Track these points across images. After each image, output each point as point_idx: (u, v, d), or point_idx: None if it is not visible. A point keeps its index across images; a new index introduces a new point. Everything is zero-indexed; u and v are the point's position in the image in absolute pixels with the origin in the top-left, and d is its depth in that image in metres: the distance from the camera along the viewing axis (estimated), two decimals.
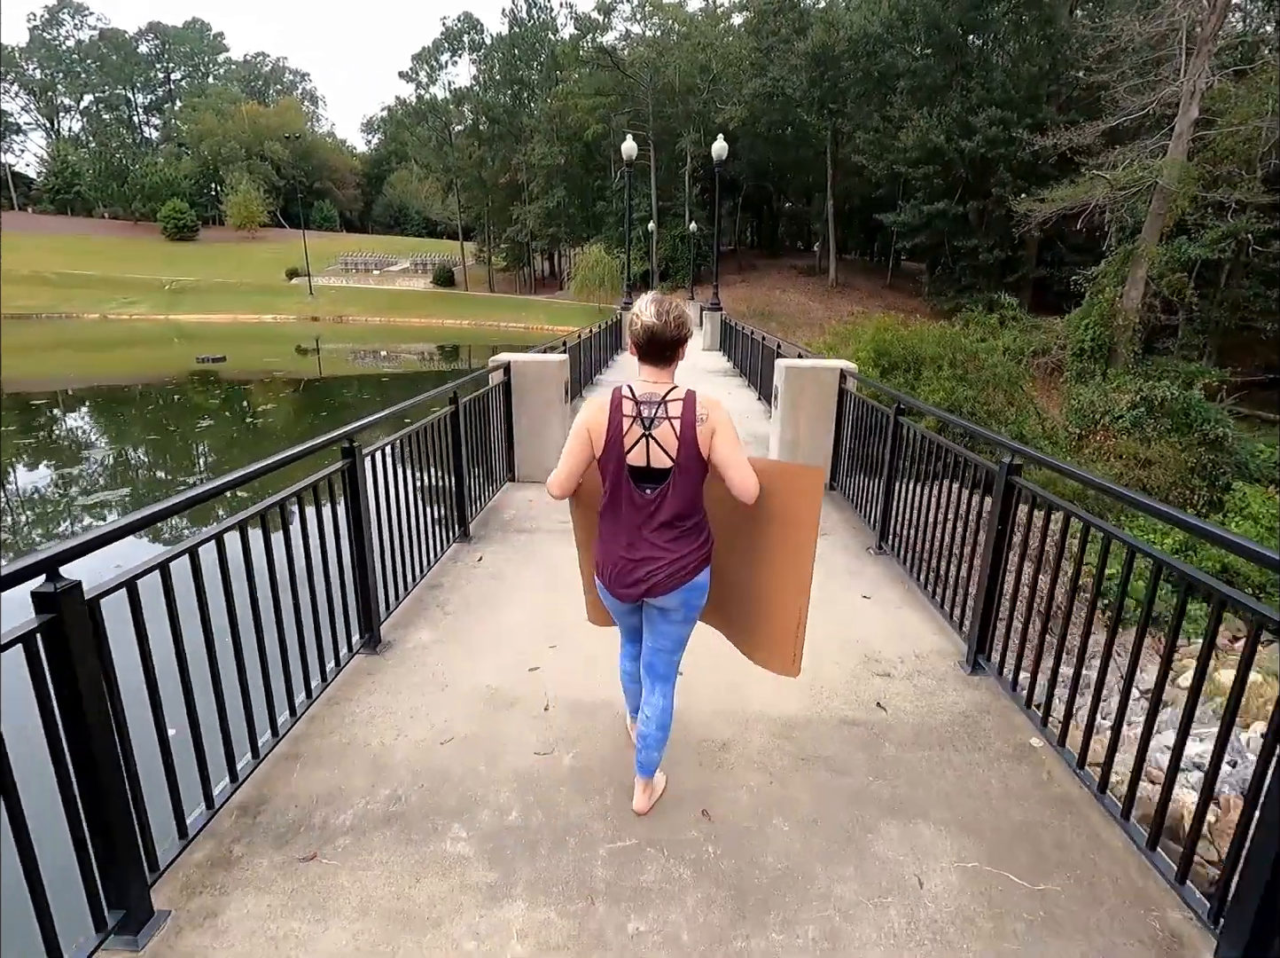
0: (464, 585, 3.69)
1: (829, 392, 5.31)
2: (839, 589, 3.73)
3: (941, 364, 14.57)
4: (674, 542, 1.93)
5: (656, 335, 1.86)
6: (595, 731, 2.50)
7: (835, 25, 33.22)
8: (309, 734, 2.45)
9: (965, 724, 2.55)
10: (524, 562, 4.02)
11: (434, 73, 54.67)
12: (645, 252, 41.24)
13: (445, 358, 35.61)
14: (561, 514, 4.90)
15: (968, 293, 32.41)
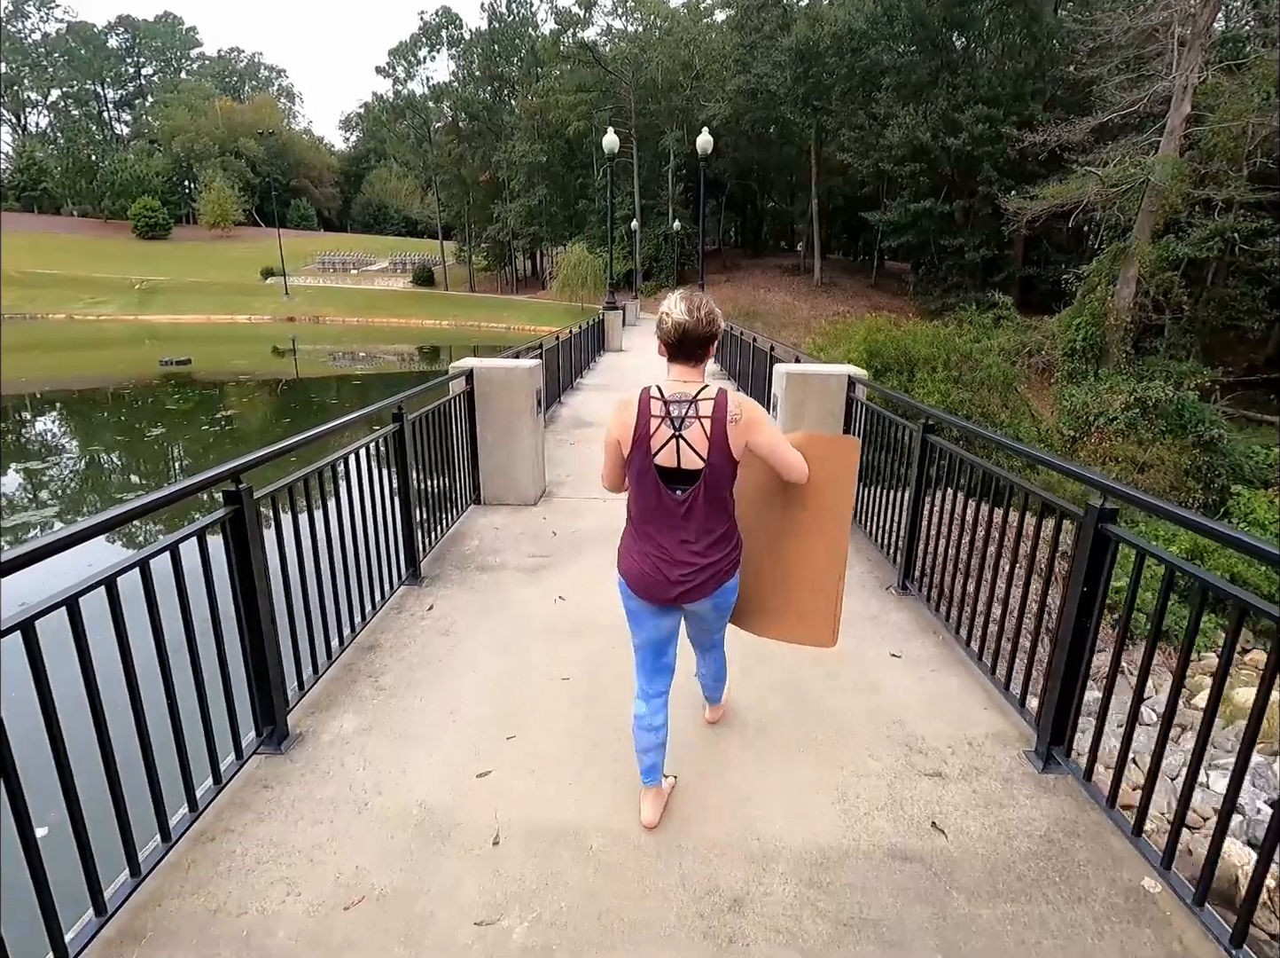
0: (406, 646, 3.02)
1: (835, 401, 4.70)
2: (860, 642, 3.11)
3: (935, 365, 14.08)
4: (708, 547, 1.91)
5: (689, 333, 1.81)
6: (561, 878, 1.85)
7: (819, 21, 32.79)
8: (163, 893, 1.77)
9: (1052, 855, 1.93)
10: (483, 610, 3.36)
11: (412, 68, 53.63)
12: (628, 251, 40.60)
13: (425, 359, 34.73)
14: (531, 546, 4.26)
15: (954, 292, 32.13)
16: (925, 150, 29.60)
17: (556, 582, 3.70)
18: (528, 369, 4.71)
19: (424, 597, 3.48)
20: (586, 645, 3.04)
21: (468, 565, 3.90)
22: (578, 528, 4.54)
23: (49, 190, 69.93)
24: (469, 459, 4.75)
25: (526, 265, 59.03)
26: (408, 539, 3.55)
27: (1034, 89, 28.79)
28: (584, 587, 3.64)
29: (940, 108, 29.15)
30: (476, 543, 4.24)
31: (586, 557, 4.06)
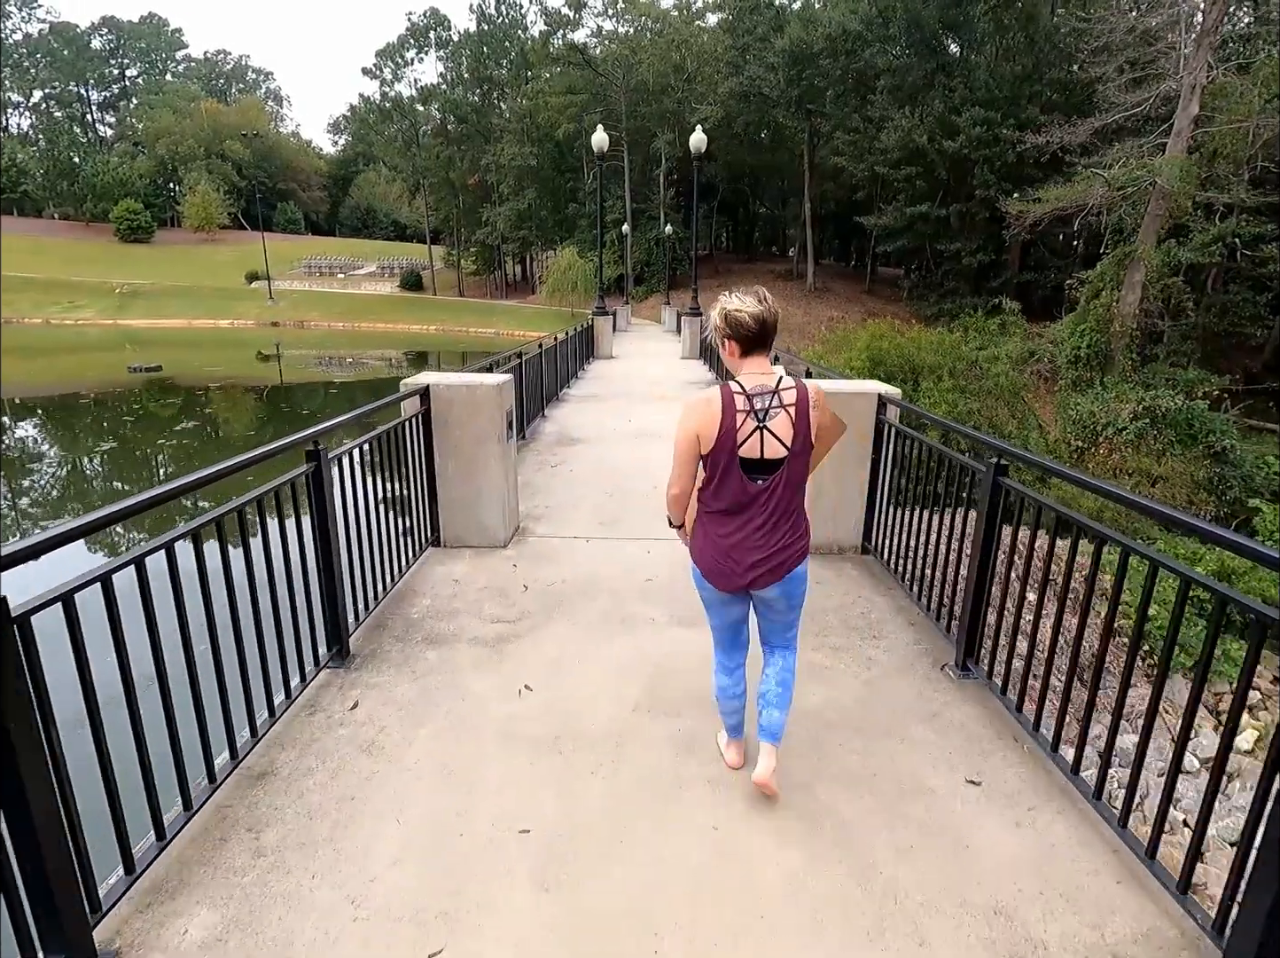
0: (311, 773, 2.22)
1: (863, 424, 3.95)
2: (920, 758, 2.34)
3: (941, 374, 13.42)
4: (785, 532, 1.99)
5: (767, 323, 1.89)
6: None
7: (813, 23, 32.31)
8: None
9: None
10: (423, 710, 2.56)
11: (399, 70, 52.92)
12: (619, 255, 39.89)
13: (412, 364, 33.87)
14: (496, 606, 3.47)
15: (950, 297, 31.63)
16: (921, 153, 29.11)
17: (524, 661, 2.91)
18: (495, 386, 3.93)
19: (349, 687, 2.68)
20: (558, 770, 2.26)
21: (413, 636, 3.10)
22: (555, 579, 3.75)
23: (30, 193, 68.57)
24: (425, 494, 3.96)
25: (516, 270, 58.29)
26: (329, 609, 2.76)
27: (1031, 92, 28.34)
28: (559, 669, 2.85)
29: (937, 110, 28.67)
30: (428, 603, 3.44)
31: (564, 621, 3.27)
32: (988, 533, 2.66)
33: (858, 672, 2.87)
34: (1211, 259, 19.84)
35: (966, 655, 2.82)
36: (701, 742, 2.40)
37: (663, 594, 3.58)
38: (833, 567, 3.97)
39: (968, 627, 2.79)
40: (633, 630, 3.19)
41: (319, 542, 2.68)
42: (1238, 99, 17.08)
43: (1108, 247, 19.82)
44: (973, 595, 2.74)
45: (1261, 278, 22.97)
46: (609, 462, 6.33)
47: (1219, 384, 18.72)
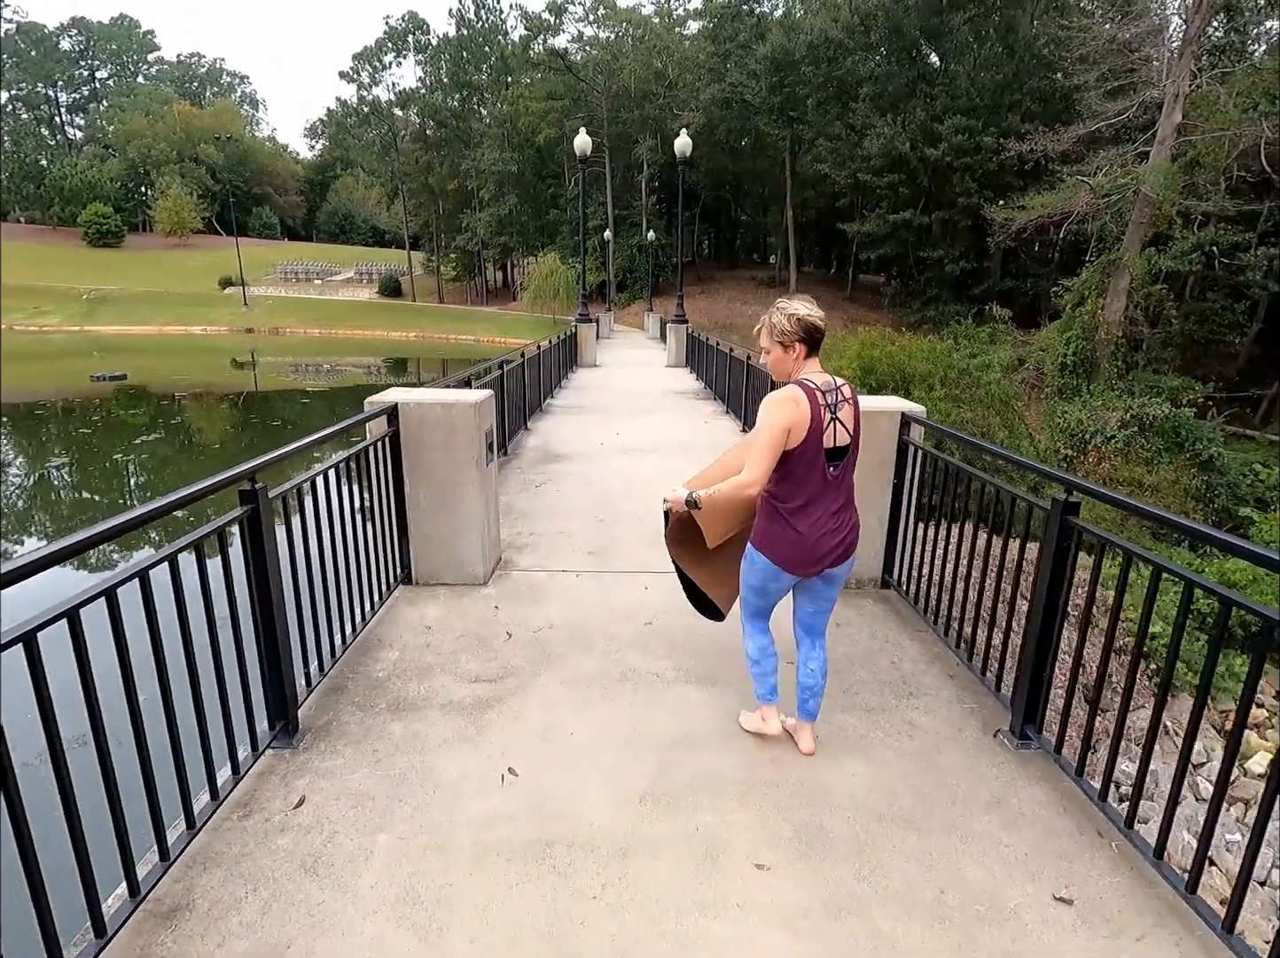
0: (238, 909, 1.74)
1: (885, 445, 3.56)
2: (991, 868, 1.92)
3: (933, 383, 13.15)
4: (852, 513, 2.27)
5: (822, 327, 2.12)
6: None
7: (795, 30, 32.30)
8: None
9: None
10: (386, 809, 2.10)
11: (377, 74, 52.25)
12: (601, 261, 39.55)
13: (391, 371, 33.19)
14: (475, 659, 3.00)
15: (933, 304, 31.68)
16: (904, 161, 29.12)
17: (507, 735, 2.46)
18: (474, 404, 3.48)
19: (294, 775, 2.21)
20: (550, 893, 1.81)
21: (376, 703, 2.63)
22: (542, 624, 3.30)
23: None
24: (394, 527, 3.49)
25: (497, 276, 57.72)
26: (273, 677, 2.29)
27: (1011, 100, 28.50)
28: (549, 745, 2.40)
29: (919, 118, 28.72)
30: (395, 656, 2.98)
31: (553, 679, 2.82)
32: (1053, 581, 2.27)
33: (899, 741, 2.46)
34: (1191, 267, 19.92)
35: (1026, 721, 2.42)
36: (725, 847, 1.97)
37: (665, 642, 3.14)
38: (852, 604, 3.56)
39: (1028, 688, 2.38)
40: (635, 690, 2.75)
41: (257, 601, 2.21)
42: (1220, 108, 17.15)
43: (1092, 254, 19.84)
44: (1035, 653, 2.34)
45: (1238, 286, 23.16)
46: (597, 481, 5.89)
47: (1203, 391, 18.74)
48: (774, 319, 2.10)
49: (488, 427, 3.73)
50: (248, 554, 2.16)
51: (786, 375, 2.15)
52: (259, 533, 2.17)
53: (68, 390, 20.86)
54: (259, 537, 2.17)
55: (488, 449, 3.72)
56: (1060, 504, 2.21)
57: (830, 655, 3.04)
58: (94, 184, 63.94)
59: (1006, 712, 2.56)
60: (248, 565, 2.17)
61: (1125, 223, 18.76)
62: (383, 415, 3.34)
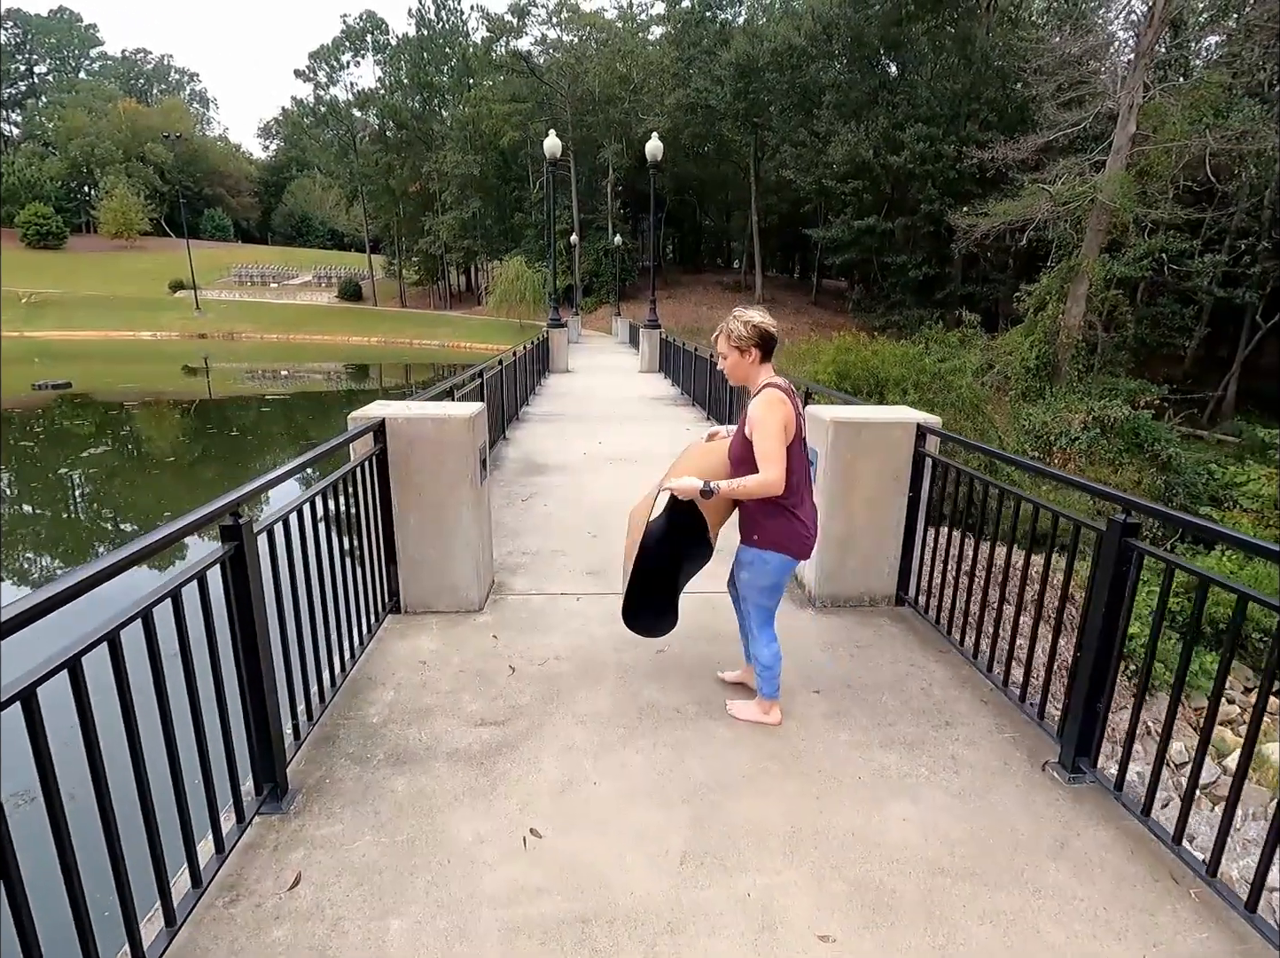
0: None
1: (899, 457, 3.42)
2: (1070, 924, 1.77)
3: (906, 387, 13.24)
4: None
5: (775, 334, 2.30)
6: None
7: (759, 37, 32.55)
8: None
9: None
10: (396, 887, 1.85)
11: (334, 73, 51.09)
12: (568, 266, 39.26)
13: (352, 377, 32.34)
14: (477, 697, 2.67)
15: (897, 309, 32.17)
16: (867, 168, 29.53)
17: (522, 787, 2.23)
18: (466, 419, 3.23)
19: (287, 847, 1.95)
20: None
21: (373, 754, 2.37)
22: (546, 655, 3.07)
23: None
24: (381, 551, 3.22)
25: (460, 280, 56.92)
26: (259, 734, 2.02)
27: (970, 110, 29.12)
28: (571, 797, 2.18)
29: (881, 126, 29.16)
30: (390, 696, 2.72)
31: (565, 717, 2.60)
32: (1110, 607, 2.13)
33: (946, 779, 2.30)
34: (1142, 273, 20.56)
35: (1079, 753, 2.28)
36: (782, 915, 1.77)
37: (681, 670, 2.95)
38: (869, 623, 3.42)
39: (1081, 719, 2.25)
40: (656, 728, 2.54)
41: (242, 648, 1.94)
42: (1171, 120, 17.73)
43: (1053, 260, 20.32)
44: (1089, 682, 2.21)
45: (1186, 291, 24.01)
46: (586, 493, 5.67)
47: (1159, 393, 19.32)
48: (732, 326, 2.26)
49: (481, 442, 3.49)
50: (230, 597, 1.90)
51: (742, 379, 2.34)
52: (243, 573, 1.90)
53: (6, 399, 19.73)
54: (243, 577, 1.91)
55: (481, 466, 3.47)
56: (1119, 526, 2.08)
57: (855, 681, 2.90)
58: (32, 183, 61.20)
59: (1052, 742, 2.43)
60: (230, 609, 1.91)
61: (1083, 230, 19.27)
62: (369, 433, 3.08)
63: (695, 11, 37.94)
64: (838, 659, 3.08)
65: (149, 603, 1.54)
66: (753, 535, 2.38)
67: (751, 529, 2.40)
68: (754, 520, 2.38)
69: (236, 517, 1.89)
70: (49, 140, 69.77)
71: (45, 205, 59.83)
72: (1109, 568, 2.12)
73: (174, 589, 1.63)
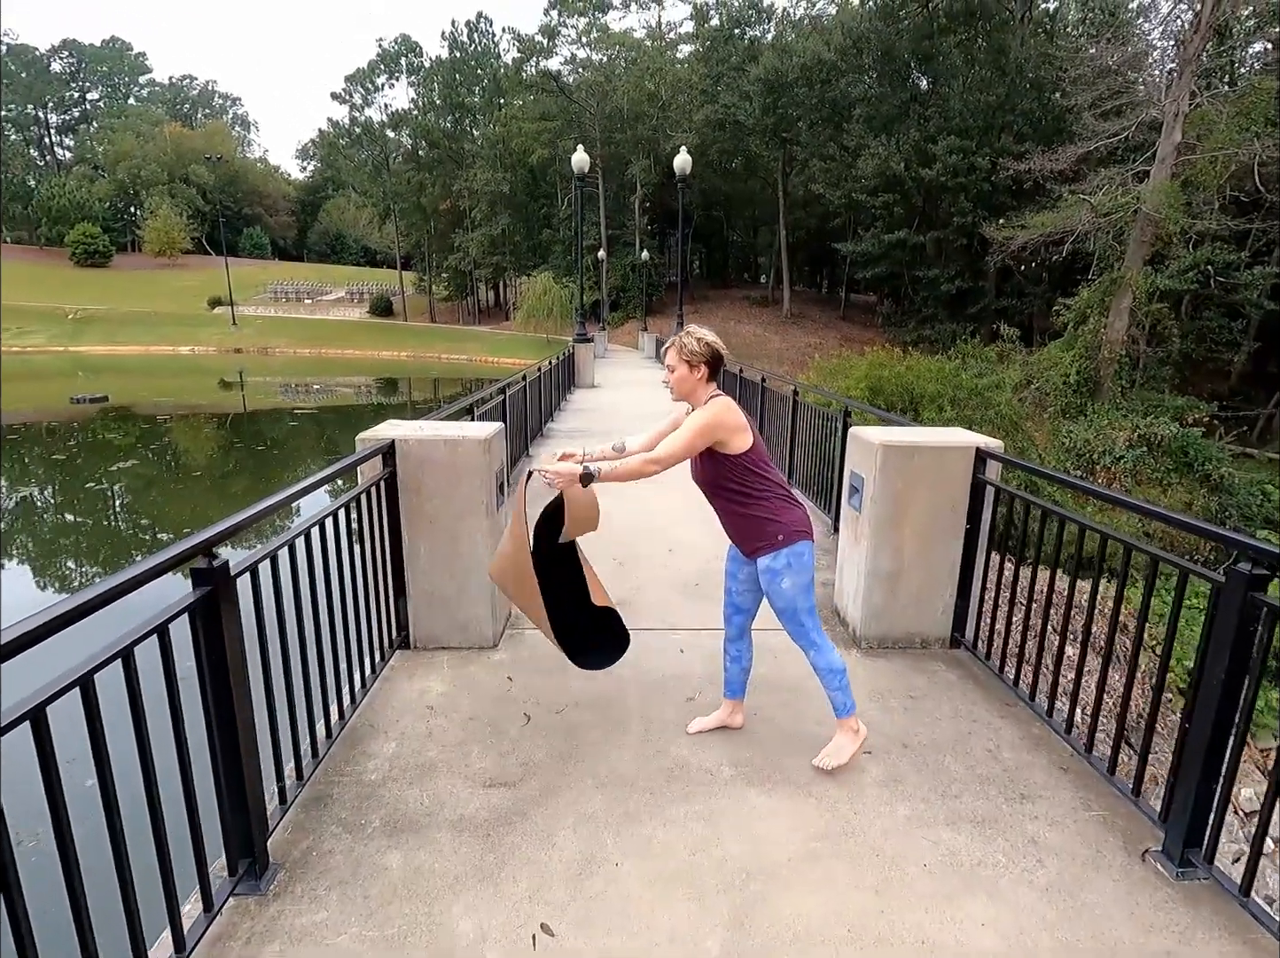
0: None
1: (955, 485, 3.10)
2: None
3: (943, 404, 12.79)
4: None
5: (724, 355, 2.35)
6: None
7: (787, 53, 32.46)
8: None
9: None
10: None
11: (370, 95, 52.27)
12: (595, 281, 39.39)
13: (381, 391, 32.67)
14: (487, 752, 2.24)
15: (928, 324, 31.59)
16: (898, 181, 29.14)
17: (532, 867, 1.94)
18: (483, 441, 2.99)
19: (263, 939, 1.69)
20: None
21: (367, 820, 2.11)
22: (564, 701, 2.79)
23: None
24: (390, 583, 2.98)
25: (489, 296, 57.52)
26: (234, 799, 1.77)
27: (1004, 121, 28.61)
28: (590, 882, 1.89)
29: (912, 139, 28.79)
30: (392, 748, 2.46)
31: (584, 779, 2.31)
32: (1231, 673, 1.79)
33: (1028, 869, 1.96)
34: (1188, 286, 19.85)
35: (1188, 843, 1.93)
36: None
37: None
38: (923, 669, 3.08)
39: (1192, 803, 1.90)
40: (687, 796, 2.24)
41: (214, 706, 1.70)
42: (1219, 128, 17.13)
43: (1094, 272, 19.72)
44: (1203, 760, 1.86)
45: (1233, 304, 23.14)
46: (611, 516, 5.34)
47: (1208, 410, 18.55)
48: (685, 341, 2.29)
49: (498, 466, 3.25)
50: (201, 653, 1.65)
51: (686, 394, 2.33)
52: (217, 623, 1.66)
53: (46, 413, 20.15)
54: (217, 628, 1.66)
55: (498, 491, 3.22)
56: (1244, 578, 1.74)
57: (911, 739, 2.57)
58: (82, 204, 63.54)
59: (1153, 825, 2.07)
60: (201, 666, 1.66)
61: (1125, 241, 18.66)
62: (377, 456, 2.85)
63: (724, 29, 38.05)
64: (889, 712, 2.75)
65: (89, 668, 1.30)
66: (776, 536, 2.25)
67: (771, 531, 2.25)
68: (768, 521, 2.26)
69: (211, 557, 1.65)
70: (98, 163, 72.55)
71: (93, 225, 62.06)
72: (1229, 626, 1.78)
73: (125, 649, 1.39)
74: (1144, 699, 3.29)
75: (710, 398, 2.28)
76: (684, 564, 4.38)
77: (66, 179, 68.09)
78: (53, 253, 63.48)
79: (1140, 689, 2.15)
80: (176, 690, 1.55)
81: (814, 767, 2.38)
